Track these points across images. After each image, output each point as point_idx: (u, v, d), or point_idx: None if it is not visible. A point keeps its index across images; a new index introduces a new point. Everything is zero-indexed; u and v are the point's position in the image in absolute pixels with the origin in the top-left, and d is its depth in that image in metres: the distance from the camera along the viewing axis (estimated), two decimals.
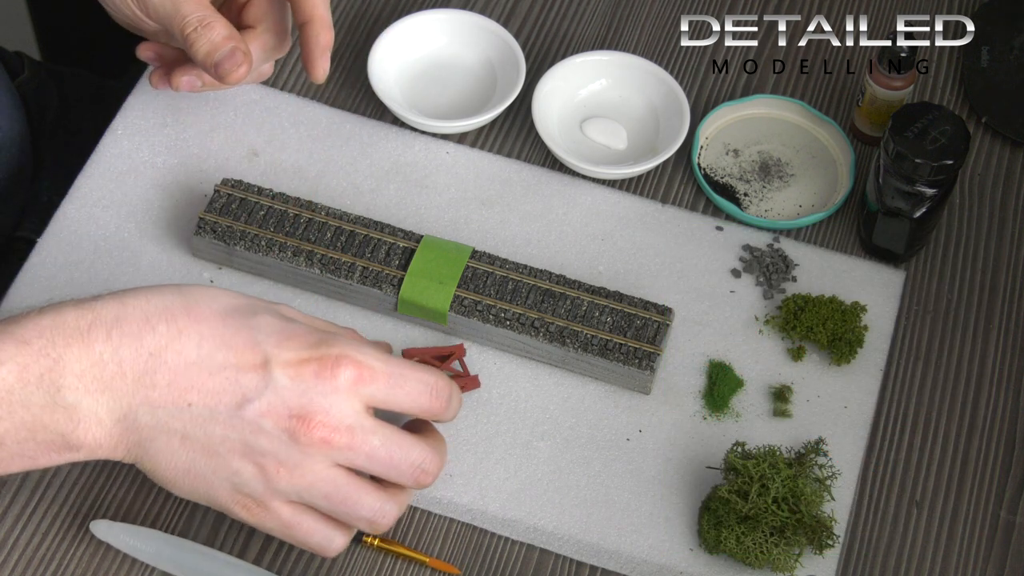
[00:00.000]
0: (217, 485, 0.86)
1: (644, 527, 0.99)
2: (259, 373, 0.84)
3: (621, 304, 1.04)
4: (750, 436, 1.02)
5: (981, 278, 1.11)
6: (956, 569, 0.99)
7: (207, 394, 0.84)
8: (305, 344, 0.85)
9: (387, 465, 0.87)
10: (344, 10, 1.22)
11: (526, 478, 1.00)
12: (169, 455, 0.85)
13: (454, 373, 1.03)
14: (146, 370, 0.84)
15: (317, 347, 0.85)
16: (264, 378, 0.84)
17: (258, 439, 0.85)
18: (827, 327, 1.05)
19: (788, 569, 0.96)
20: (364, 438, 0.86)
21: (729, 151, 1.16)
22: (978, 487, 1.02)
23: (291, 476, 0.85)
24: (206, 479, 0.86)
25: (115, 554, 0.96)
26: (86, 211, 1.10)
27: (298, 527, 0.88)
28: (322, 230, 1.06)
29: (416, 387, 0.88)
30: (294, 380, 0.84)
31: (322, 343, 0.85)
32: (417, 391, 0.88)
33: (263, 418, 0.84)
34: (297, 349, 0.85)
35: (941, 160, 1.03)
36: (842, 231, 1.12)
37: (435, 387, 0.88)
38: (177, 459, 0.86)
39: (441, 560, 0.97)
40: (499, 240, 1.10)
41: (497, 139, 1.16)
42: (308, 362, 0.84)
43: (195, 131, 1.14)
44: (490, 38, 1.18)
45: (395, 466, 0.87)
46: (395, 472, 0.88)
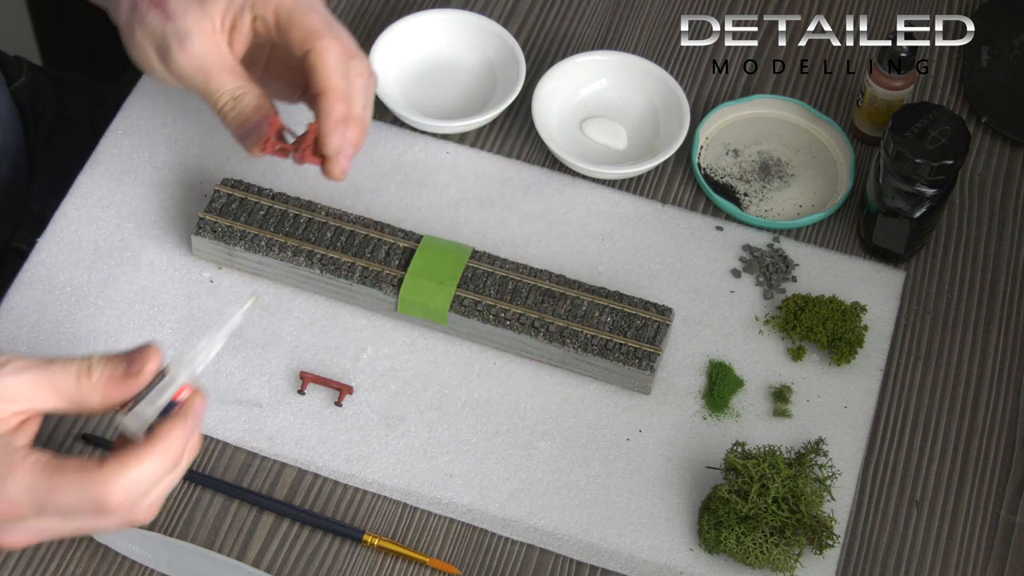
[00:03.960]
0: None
1: (644, 527, 0.99)
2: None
3: (621, 304, 1.04)
4: (750, 436, 1.02)
5: (981, 278, 1.11)
6: (956, 569, 0.99)
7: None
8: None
9: (91, 530, 0.87)
10: (344, 10, 1.22)
11: (526, 478, 1.00)
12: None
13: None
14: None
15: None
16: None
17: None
18: (827, 327, 1.05)
19: (788, 569, 0.96)
20: (54, 535, 0.86)
21: (729, 151, 1.16)
22: (978, 487, 1.02)
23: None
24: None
25: (114, 556, 0.96)
26: (86, 211, 1.10)
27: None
28: (322, 230, 1.06)
29: (75, 505, 0.84)
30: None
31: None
32: (80, 510, 0.84)
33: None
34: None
35: (941, 160, 1.03)
36: (842, 231, 1.12)
37: (97, 503, 0.83)
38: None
39: (441, 560, 0.97)
40: (499, 240, 1.10)
41: (497, 139, 1.16)
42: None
43: (195, 131, 1.14)
44: (490, 38, 1.18)
45: (99, 530, 0.88)
46: (101, 529, 0.87)
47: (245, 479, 1.00)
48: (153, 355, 0.86)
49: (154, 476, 0.84)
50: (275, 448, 1.01)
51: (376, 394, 1.03)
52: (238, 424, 1.01)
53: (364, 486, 1.00)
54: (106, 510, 0.83)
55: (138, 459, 0.84)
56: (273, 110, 0.99)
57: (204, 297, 1.06)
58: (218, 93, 0.99)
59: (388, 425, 1.02)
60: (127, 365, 0.85)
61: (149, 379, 0.86)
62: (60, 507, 0.83)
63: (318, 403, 1.02)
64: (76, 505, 0.83)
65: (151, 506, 0.86)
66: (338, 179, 1.00)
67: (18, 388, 0.85)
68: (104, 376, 0.85)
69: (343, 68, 0.98)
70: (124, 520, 0.85)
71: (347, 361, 1.04)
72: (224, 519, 0.98)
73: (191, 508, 0.98)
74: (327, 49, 0.97)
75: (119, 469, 0.83)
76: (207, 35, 0.99)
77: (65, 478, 0.83)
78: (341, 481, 1.00)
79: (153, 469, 0.84)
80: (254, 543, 0.97)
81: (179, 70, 0.99)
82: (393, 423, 1.02)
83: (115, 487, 0.83)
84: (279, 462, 1.00)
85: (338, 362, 1.04)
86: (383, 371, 1.04)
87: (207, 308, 1.05)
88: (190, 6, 0.98)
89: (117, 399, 0.86)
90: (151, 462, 0.84)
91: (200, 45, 0.98)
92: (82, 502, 0.83)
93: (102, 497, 0.83)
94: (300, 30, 0.98)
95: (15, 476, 0.83)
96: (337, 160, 0.99)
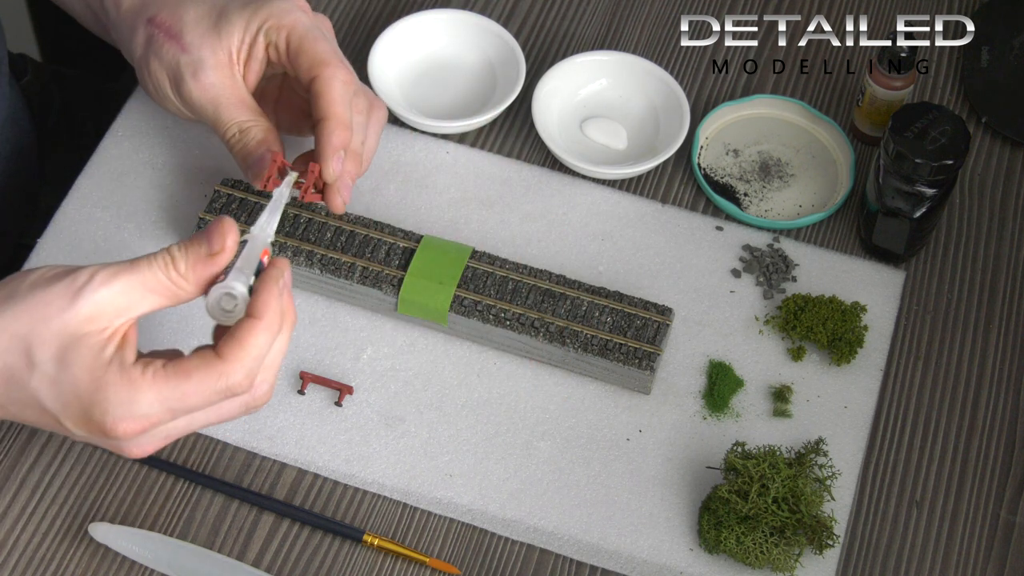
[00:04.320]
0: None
1: (644, 527, 0.99)
2: (61, 426, 0.86)
3: (621, 304, 1.04)
4: (750, 436, 1.02)
5: (981, 278, 1.11)
6: (956, 569, 0.99)
7: (34, 425, 0.87)
8: (79, 410, 0.84)
9: (220, 421, 0.88)
10: (344, 10, 1.22)
11: (526, 478, 1.00)
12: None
13: None
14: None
15: (90, 413, 0.84)
16: (67, 430, 0.86)
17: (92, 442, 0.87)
18: (827, 327, 1.05)
19: (788, 569, 0.96)
20: (182, 433, 0.87)
21: (729, 151, 1.16)
22: (978, 487, 1.02)
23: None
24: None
25: (114, 556, 0.96)
26: (86, 211, 1.10)
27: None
28: (322, 230, 1.06)
29: (206, 400, 0.85)
30: (91, 434, 0.85)
31: (93, 407, 0.84)
32: (211, 402, 0.86)
33: (86, 442, 0.87)
34: (77, 414, 0.84)
35: (941, 160, 1.03)
36: (842, 231, 1.12)
37: (227, 388, 0.85)
38: None
39: (441, 560, 0.97)
40: (499, 240, 1.10)
41: (497, 139, 1.16)
42: (91, 425, 0.84)
43: (195, 132, 1.14)
44: (490, 38, 1.18)
45: (223, 419, 0.88)
46: (224, 418, 0.88)
47: (245, 479, 1.00)
48: (230, 228, 0.87)
49: (265, 347, 0.85)
50: (275, 448, 1.01)
51: (376, 394, 1.03)
52: (238, 424, 1.01)
53: (364, 486, 1.00)
54: (235, 395, 0.85)
55: (250, 332, 0.85)
56: (278, 146, 1.01)
57: (204, 297, 1.06)
58: (227, 125, 1.01)
59: (388, 425, 1.02)
60: (208, 244, 0.86)
61: (233, 253, 0.87)
62: (191, 407, 0.85)
63: (318, 403, 1.03)
64: (207, 400, 0.85)
65: (270, 388, 0.88)
66: (338, 210, 1.01)
67: (115, 298, 0.85)
68: (190, 263, 0.86)
69: (347, 97, 1.00)
70: (247, 404, 0.87)
71: (347, 361, 1.04)
72: (224, 519, 0.98)
73: (191, 508, 0.98)
74: (333, 77, 0.99)
75: (237, 350, 0.85)
76: (222, 66, 1.01)
77: (192, 380, 0.84)
78: (341, 481, 1.00)
79: (265, 339, 0.85)
80: (254, 543, 0.97)
81: (191, 100, 1.01)
82: (393, 423, 1.02)
83: (239, 368, 0.84)
84: (279, 462, 1.00)
85: (338, 362, 1.04)
86: (383, 371, 1.04)
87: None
88: (206, 38, 1.00)
89: (207, 280, 0.87)
90: (261, 333, 0.85)
91: (214, 76, 1.00)
92: (214, 394, 0.85)
93: (230, 383, 0.84)
94: (309, 56, 1.00)
95: (141, 393, 0.84)
96: (337, 189, 1.00)
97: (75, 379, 0.84)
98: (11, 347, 0.84)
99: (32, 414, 0.86)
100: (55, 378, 0.84)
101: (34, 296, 0.84)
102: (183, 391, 0.84)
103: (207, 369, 0.84)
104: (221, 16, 1.01)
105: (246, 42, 1.01)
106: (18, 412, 0.86)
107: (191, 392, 0.84)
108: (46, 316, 0.84)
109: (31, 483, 0.99)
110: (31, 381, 0.84)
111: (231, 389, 0.85)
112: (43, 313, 0.84)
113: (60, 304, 0.84)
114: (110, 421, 0.83)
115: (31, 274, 0.86)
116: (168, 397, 0.84)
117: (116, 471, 0.99)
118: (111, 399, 0.83)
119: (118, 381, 0.84)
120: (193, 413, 0.86)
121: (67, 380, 0.84)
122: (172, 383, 0.84)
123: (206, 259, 0.86)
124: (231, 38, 1.01)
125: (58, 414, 0.84)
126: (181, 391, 0.84)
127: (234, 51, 1.01)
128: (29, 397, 0.85)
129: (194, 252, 0.86)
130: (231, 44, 1.01)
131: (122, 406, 0.83)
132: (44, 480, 0.99)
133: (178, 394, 0.84)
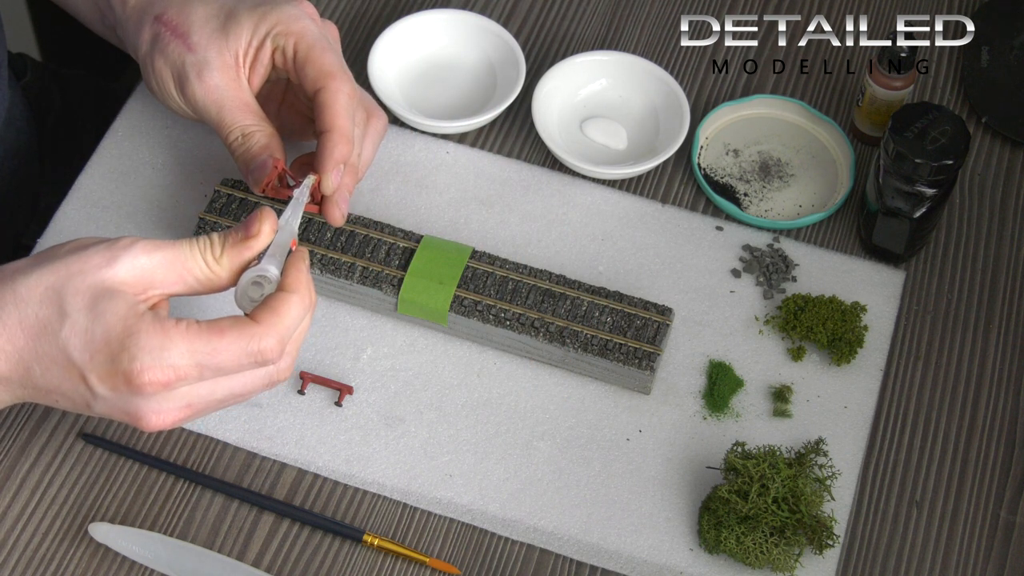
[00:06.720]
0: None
1: (644, 527, 0.99)
2: (84, 385, 0.86)
3: (621, 304, 1.04)
4: (750, 436, 1.02)
5: (981, 278, 1.11)
6: (956, 569, 0.99)
7: (55, 398, 0.87)
8: (107, 357, 0.84)
9: (239, 396, 0.89)
10: (344, 10, 1.23)
11: (526, 478, 1.00)
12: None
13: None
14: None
15: (118, 360, 0.84)
16: (90, 389, 0.86)
17: (114, 417, 0.88)
18: (827, 327, 1.05)
19: (788, 569, 0.96)
20: (202, 404, 0.87)
21: (729, 151, 1.16)
22: (978, 487, 1.02)
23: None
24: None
25: (114, 556, 0.96)
26: (86, 211, 1.10)
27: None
28: (322, 230, 1.06)
29: (236, 362, 0.86)
30: (114, 392, 0.85)
31: (123, 352, 0.84)
32: (239, 366, 0.86)
33: (109, 416, 0.87)
34: (103, 363, 0.85)
35: (941, 160, 1.03)
36: (842, 231, 1.12)
37: (257, 352, 0.86)
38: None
39: (441, 560, 0.97)
40: (499, 240, 1.10)
41: (497, 139, 1.16)
42: (116, 377, 0.84)
43: (195, 132, 1.14)
44: (490, 38, 1.18)
45: (244, 393, 0.89)
46: (246, 392, 0.89)
47: (245, 479, 1.00)
48: (268, 215, 0.89)
49: (297, 319, 0.87)
50: (275, 448, 1.01)
51: (376, 394, 1.03)
52: (238, 424, 1.01)
53: (364, 486, 1.00)
54: (264, 361, 0.86)
55: (285, 302, 0.87)
56: (280, 152, 1.01)
57: (204, 297, 1.06)
58: (230, 128, 1.01)
59: (388, 425, 1.02)
60: (245, 230, 0.88)
61: (269, 239, 0.89)
62: (220, 366, 0.85)
63: (318, 403, 1.03)
64: (236, 361, 0.85)
65: (292, 362, 0.89)
66: (336, 223, 1.01)
67: (154, 269, 0.86)
68: (227, 249, 0.88)
69: (351, 111, 1.00)
70: (271, 376, 0.88)
71: (347, 361, 1.04)
72: (224, 519, 0.98)
73: (191, 508, 0.98)
74: (339, 90, 0.99)
75: (271, 316, 0.86)
76: (227, 68, 1.01)
77: (226, 338, 0.85)
78: (341, 481, 1.00)
79: (298, 311, 0.87)
80: (254, 543, 0.97)
81: (195, 101, 1.01)
82: (393, 423, 1.02)
83: (272, 333, 0.86)
84: (279, 462, 1.01)
85: (338, 362, 1.04)
86: (383, 371, 1.04)
87: (208, 307, 1.05)
88: (213, 38, 1.00)
89: (240, 266, 0.88)
90: (295, 305, 0.87)
91: (219, 78, 1.00)
92: (246, 355, 0.85)
93: (262, 346, 0.85)
94: (316, 67, 1.00)
95: (173, 343, 0.84)
96: (335, 202, 1.00)
97: (107, 326, 0.84)
98: (44, 299, 0.85)
99: (56, 375, 0.85)
100: (86, 327, 0.84)
101: (72, 255, 0.86)
102: (215, 346, 0.84)
103: (241, 330, 0.85)
104: (229, 17, 1.01)
105: (253, 45, 1.01)
106: (42, 375, 0.86)
107: (223, 349, 0.84)
108: (83, 270, 0.85)
109: (31, 483, 0.99)
110: (62, 330, 0.84)
111: (262, 352, 0.85)
112: (80, 267, 0.85)
113: (98, 262, 0.85)
114: (137, 367, 0.83)
115: (71, 242, 0.88)
116: (199, 350, 0.84)
117: (116, 471, 0.99)
118: (142, 344, 0.84)
119: (151, 328, 0.84)
120: (218, 379, 0.86)
121: (99, 328, 0.84)
122: (205, 337, 0.84)
123: (242, 244, 0.88)
124: (239, 40, 1.00)
125: (84, 367, 0.84)
126: (213, 346, 0.84)
127: (240, 53, 1.01)
128: (58, 352, 0.85)
129: (232, 237, 0.88)
130: (238, 46, 1.00)
131: (152, 353, 0.84)
132: (44, 480, 0.99)
133: (209, 348, 0.84)
